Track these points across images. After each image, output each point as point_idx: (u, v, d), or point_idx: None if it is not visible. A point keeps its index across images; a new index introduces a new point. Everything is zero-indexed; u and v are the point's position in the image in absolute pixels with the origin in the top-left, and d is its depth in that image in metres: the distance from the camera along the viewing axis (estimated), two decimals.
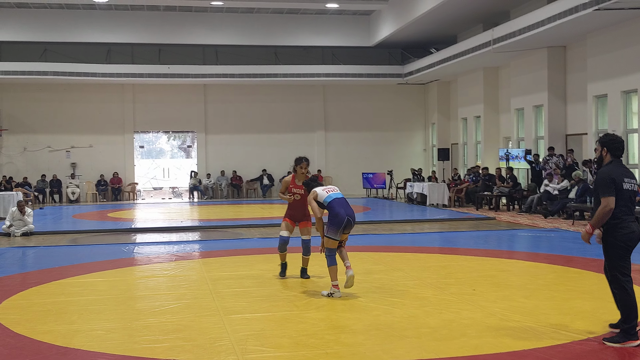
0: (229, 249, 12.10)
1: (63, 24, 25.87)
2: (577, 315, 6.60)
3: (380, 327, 6.24)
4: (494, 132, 23.57)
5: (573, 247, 11.64)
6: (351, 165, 28.66)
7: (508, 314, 6.67)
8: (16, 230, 14.59)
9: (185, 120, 28.25)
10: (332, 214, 7.48)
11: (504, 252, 11.65)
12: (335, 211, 7.47)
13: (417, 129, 29.74)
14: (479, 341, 5.76)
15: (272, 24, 27.16)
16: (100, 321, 6.72)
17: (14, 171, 26.52)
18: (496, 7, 21.03)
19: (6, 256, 11.74)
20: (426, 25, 23.63)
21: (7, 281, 9.09)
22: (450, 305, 7.12)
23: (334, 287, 7.57)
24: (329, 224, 7.47)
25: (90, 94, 27.36)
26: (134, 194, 27.41)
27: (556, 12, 16.36)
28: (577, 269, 9.36)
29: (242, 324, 6.47)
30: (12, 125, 26.83)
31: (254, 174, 28.31)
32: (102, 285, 8.77)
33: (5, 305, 7.47)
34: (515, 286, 8.29)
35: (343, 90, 28.98)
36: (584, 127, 18.57)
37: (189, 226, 16.59)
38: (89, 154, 27.50)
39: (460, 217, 17.52)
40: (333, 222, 7.44)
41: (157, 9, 26.09)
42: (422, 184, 22.13)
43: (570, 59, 19.54)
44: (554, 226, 14.88)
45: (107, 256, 11.35)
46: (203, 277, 9.07)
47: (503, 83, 23.28)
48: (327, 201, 7.58)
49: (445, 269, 9.65)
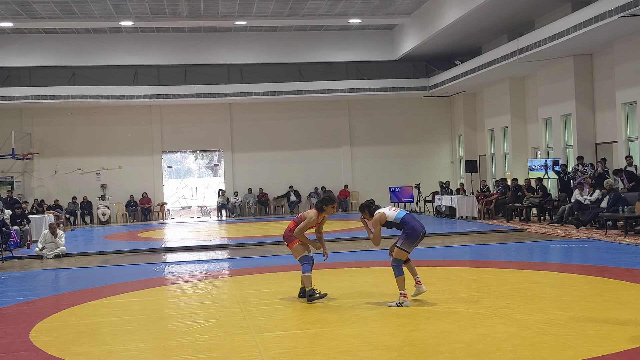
0: (258, 266, 12.11)
1: (90, 48, 26.28)
2: (614, 327, 6.47)
3: (414, 343, 6.18)
4: (522, 143, 23.35)
5: (607, 257, 11.46)
6: (378, 180, 28.57)
7: (544, 326, 6.56)
8: (48, 253, 14.76)
9: (212, 139, 28.47)
10: (408, 227, 7.79)
11: (536, 263, 11.49)
12: (411, 225, 7.79)
13: (443, 141, 29.60)
14: (514, 355, 5.67)
15: (296, 41, 27.31)
16: (133, 341, 6.75)
17: (46, 194, 26.91)
18: (520, 17, 20.92)
19: (39, 278, 11.87)
20: (450, 37, 23.58)
21: (40, 303, 9.18)
22: (484, 319, 7.03)
23: (402, 296, 7.74)
24: (405, 237, 7.76)
25: (118, 116, 27.72)
26: (163, 214, 27.62)
27: (582, 20, 16.21)
28: (611, 279, 9.19)
29: (274, 342, 6.45)
30: (43, 149, 27.28)
31: (281, 190, 28.37)
32: (135, 305, 8.81)
33: (40, 328, 7.54)
34: (550, 298, 8.16)
35: (368, 105, 28.98)
36: (614, 135, 18.32)
37: (218, 244, 16.65)
38: (119, 176, 27.82)
39: (491, 229, 17.34)
40: (410, 235, 7.76)
41: (182, 31, 26.41)
42: (451, 197, 21.97)
43: (597, 66, 19.33)
44: (587, 236, 14.66)
45: (139, 276, 11.42)
46: (233, 295, 9.08)
47: (530, 93, 23.10)
48: (399, 217, 7.85)
49: (478, 282, 9.54)
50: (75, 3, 21.67)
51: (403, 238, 7.79)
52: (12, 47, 25.81)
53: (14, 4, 21.51)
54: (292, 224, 8.49)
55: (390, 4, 23.28)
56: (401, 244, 7.79)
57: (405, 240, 7.77)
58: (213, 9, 23.10)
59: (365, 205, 8.19)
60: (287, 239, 8.48)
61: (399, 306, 7.66)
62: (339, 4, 22.92)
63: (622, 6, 14.58)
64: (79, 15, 23.13)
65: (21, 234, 17.55)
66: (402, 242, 7.78)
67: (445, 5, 21.50)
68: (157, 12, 23.32)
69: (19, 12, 22.45)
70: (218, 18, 24.29)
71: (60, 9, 22.34)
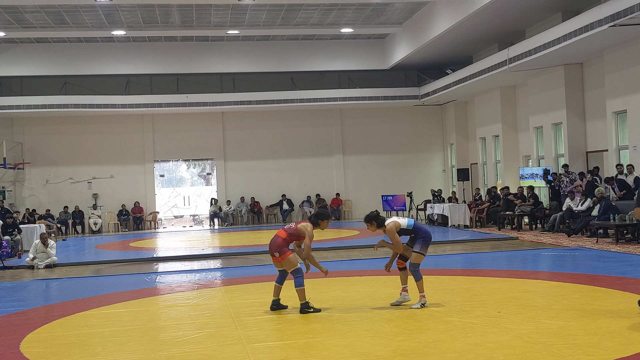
0: (250, 275, 12.09)
1: (82, 58, 26.26)
2: (605, 335, 6.49)
3: (405, 353, 6.18)
4: (513, 151, 23.45)
5: (598, 265, 11.50)
6: (370, 188, 28.62)
7: (535, 336, 6.58)
8: (39, 263, 14.70)
9: (204, 148, 28.46)
10: (423, 232, 8.25)
11: (528, 272, 11.52)
12: (424, 230, 8.29)
13: (435, 150, 29.68)
14: None
15: (288, 51, 27.37)
16: (124, 352, 6.72)
17: (37, 203, 26.81)
18: (511, 26, 21.05)
19: (30, 289, 11.82)
20: (441, 47, 23.69)
21: (31, 314, 9.14)
22: (475, 328, 7.04)
23: (423, 297, 8.18)
24: (423, 241, 8.18)
25: (110, 125, 27.69)
26: (155, 223, 27.55)
27: (572, 30, 16.32)
28: (602, 287, 9.22)
29: (265, 352, 6.44)
30: (34, 159, 27.19)
31: (274, 199, 28.36)
32: (126, 316, 8.78)
33: (30, 339, 7.51)
34: (541, 307, 8.18)
35: (360, 114, 29.05)
36: (605, 143, 18.42)
37: (210, 254, 16.62)
38: (110, 185, 27.76)
39: (483, 237, 17.38)
40: (426, 239, 8.22)
41: (174, 40, 26.43)
42: (443, 205, 22.02)
43: (587, 76, 19.45)
44: (578, 244, 14.71)
45: (130, 286, 11.38)
46: (225, 305, 9.06)
47: (521, 102, 23.21)
48: (411, 224, 8.25)
49: (469, 291, 9.55)
50: (67, 12, 21.67)
51: (420, 243, 8.18)
52: (4, 57, 25.77)
53: (5, 14, 21.49)
54: (283, 234, 8.31)
55: (382, 14, 23.38)
56: (420, 248, 8.17)
57: (423, 244, 8.18)
58: (205, 18, 23.15)
59: (373, 216, 8.28)
60: (278, 250, 8.23)
61: (423, 307, 8.10)
62: (330, 13, 23.00)
63: (611, 16, 14.69)
64: (71, 24, 23.12)
65: (12, 243, 17.47)
66: (421, 247, 8.17)
67: (436, 15, 21.61)
68: (150, 22, 23.34)
69: (11, 22, 22.42)
70: (210, 27, 24.34)
71: (52, 19, 22.33)
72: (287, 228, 8.43)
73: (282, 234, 8.34)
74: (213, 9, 22.06)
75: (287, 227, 8.44)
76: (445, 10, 20.76)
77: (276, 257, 8.29)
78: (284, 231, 8.37)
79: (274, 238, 8.38)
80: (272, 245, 8.33)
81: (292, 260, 8.22)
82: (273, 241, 8.35)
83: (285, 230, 8.37)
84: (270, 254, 8.43)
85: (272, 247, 8.33)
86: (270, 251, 8.37)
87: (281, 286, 8.46)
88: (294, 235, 8.35)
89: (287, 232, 8.33)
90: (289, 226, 8.45)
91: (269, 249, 8.40)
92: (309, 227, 8.28)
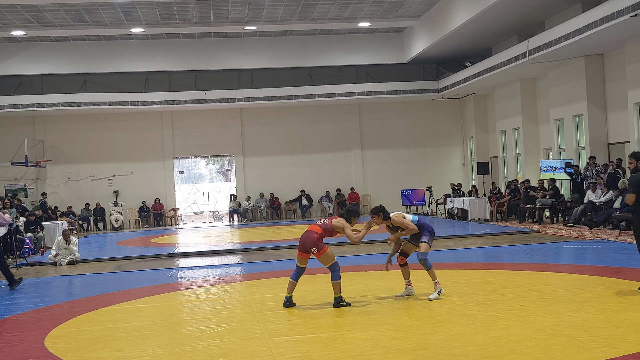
0: (270, 270, 12.12)
1: (102, 55, 26.42)
2: (629, 328, 6.43)
3: (428, 347, 6.16)
4: (533, 144, 23.26)
5: (621, 258, 11.39)
6: (389, 183, 28.54)
7: (558, 328, 6.53)
8: (62, 259, 14.84)
9: (223, 144, 28.55)
10: (427, 226, 8.65)
11: (550, 265, 11.44)
12: (428, 224, 8.70)
13: (455, 143, 29.52)
14: (528, 358, 5.65)
15: (306, 46, 27.34)
16: (147, 347, 6.77)
17: (59, 201, 27.07)
18: (531, 18, 20.85)
19: (53, 285, 11.94)
20: (460, 39, 23.53)
21: (55, 310, 9.23)
22: (497, 321, 7.00)
23: (437, 284, 8.47)
24: (429, 233, 8.57)
25: (129, 122, 27.87)
26: (175, 219, 27.71)
27: (592, 20, 16.13)
28: (626, 280, 9.13)
29: (287, 346, 6.46)
30: (56, 156, 27.44)
31: (293, 195, 28.39)
32: (148, 310, 8.85)
33: (54, 334, 7.59)
34: (564, 300, 8.12)
35: (378, 108, 28.96)
36: (626, 135, 18.21)
37: (231, 249, 16.68)
38: (131, 181, 27.95)
39: (503, 231, 17.28)
40: (432, 231, 8.65)
41: (192, 37, 26.52)
42: (463, 199, 21.91)
43: (608, 67, 19.24)
44: (600, 237, 14.58)
45: (152, 282, 11.46)
46: (246, 300, 9.10)
47: (541, 94, 23.01)
48: (415, 220, 8.60)
49: (491, 284, 9.51)
50: (86, 11, 21.82)
51: (427, 235, 8.54)
52: (24, 55, 26.01)
53: (25, 13, 21.67)
54: (318, 229, 8.20)
55: (400, 7, 23.27)
56: (427, 239, 8.53)
57: (430, 235, 8.56)
58: (223, 14, 23.18)
59: (380, 208, 8.48)
60: (315, 245, 8.10)
61: (440, 294, 8.39)
62: (348, 7, 22.94)
63: (632, 5, 14.50)
64: (90, 22, 23.27)
65: (35, 240, 17.67)
66: (428, 237, 8.54)
67: (454, 7, 21.46)
68: (167, 19, 23.43)
69: (31, 21, 22.62)
70: (228, 23, 24.37)
71: (72, 17, 22.49)
72: (321, 224, 8.32)
73: (316, 229, 8.23)
74: (230, 5, 22.10)
75: (322, 223, 8.33)
76: (464, 2, 20.61)
77: (314, 253, 8.17)
78: (319, 227, 8.26)
79: (307, 233, 8.25)
80: (307, 241, 8.20)
81: (330, 254, 8.19)
82: (307, 237, 8.22)
83: (320, 226, 8.27)
84: (301, 250, 8.31)
85: (307, 242, 8.20)
86: (305, 247, 8.24)
87: (296, 283, 8.45)
88: (328, 231, 8.27)
89: (322, 228, 8.23)
90: (323, 222, 8.35)
91: (302, 244, 8.27)
92: (343, 222, 8.29)
